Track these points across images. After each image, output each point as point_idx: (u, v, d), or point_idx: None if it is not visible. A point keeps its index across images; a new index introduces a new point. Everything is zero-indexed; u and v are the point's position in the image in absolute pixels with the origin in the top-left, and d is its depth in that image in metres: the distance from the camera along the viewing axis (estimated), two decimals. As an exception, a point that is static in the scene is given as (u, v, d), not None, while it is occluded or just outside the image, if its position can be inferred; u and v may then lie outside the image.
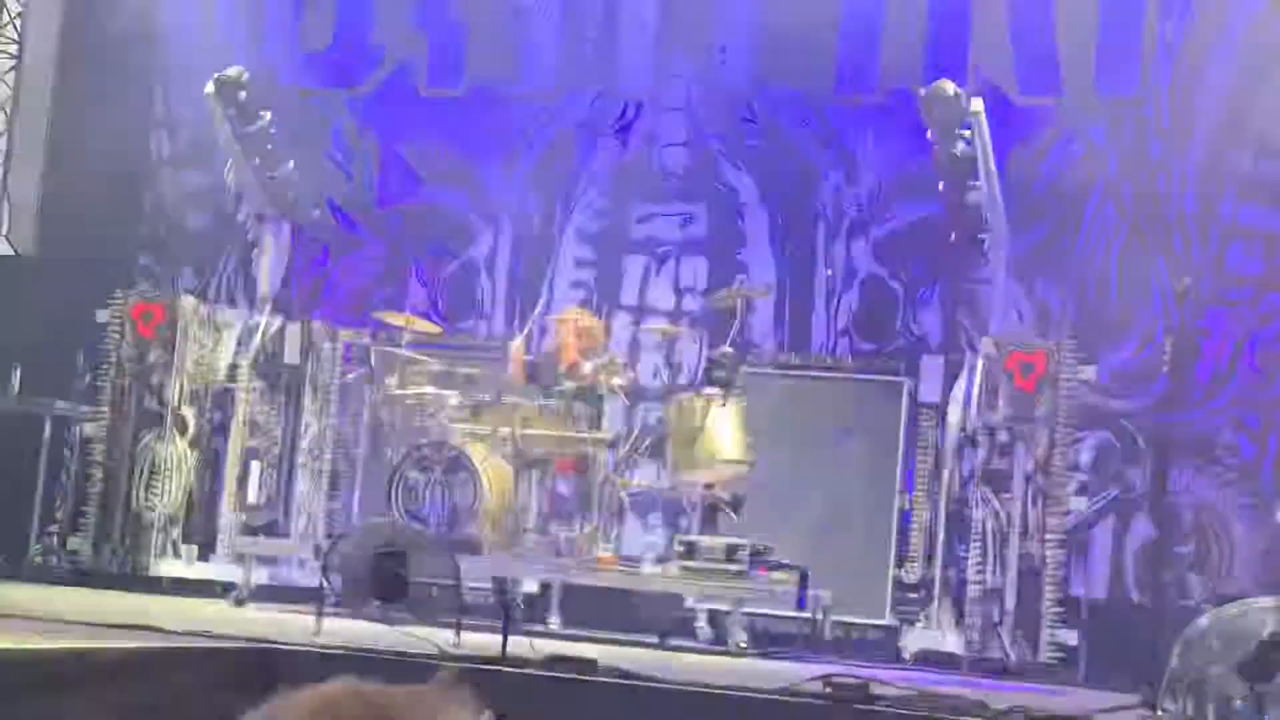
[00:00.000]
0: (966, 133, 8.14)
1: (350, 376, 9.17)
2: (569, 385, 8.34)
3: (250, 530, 8.91)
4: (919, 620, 8.20)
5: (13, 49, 11.03)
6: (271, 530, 9.08)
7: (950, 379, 8.49)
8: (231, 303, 10.32)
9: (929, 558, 8.31)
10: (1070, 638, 7.90)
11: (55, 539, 9.04)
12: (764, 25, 10.10)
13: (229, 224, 10.62)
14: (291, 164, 9.23)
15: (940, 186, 8.47)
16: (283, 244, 9.41)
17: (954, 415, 8.23)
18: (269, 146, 9.09)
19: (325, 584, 6.99)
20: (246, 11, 11.06)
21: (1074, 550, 8.48)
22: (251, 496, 9.04)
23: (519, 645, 5.76)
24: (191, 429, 9.02)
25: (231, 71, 9.02)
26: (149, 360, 8.90)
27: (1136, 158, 9.35)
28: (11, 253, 10.81)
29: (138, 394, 8.88)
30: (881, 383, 8.99)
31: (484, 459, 8.16)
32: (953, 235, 8.63)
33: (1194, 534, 8.81)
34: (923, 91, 8.32)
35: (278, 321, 9.26)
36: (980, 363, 8.14)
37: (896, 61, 9.77)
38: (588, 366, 8.35)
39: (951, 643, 7.94)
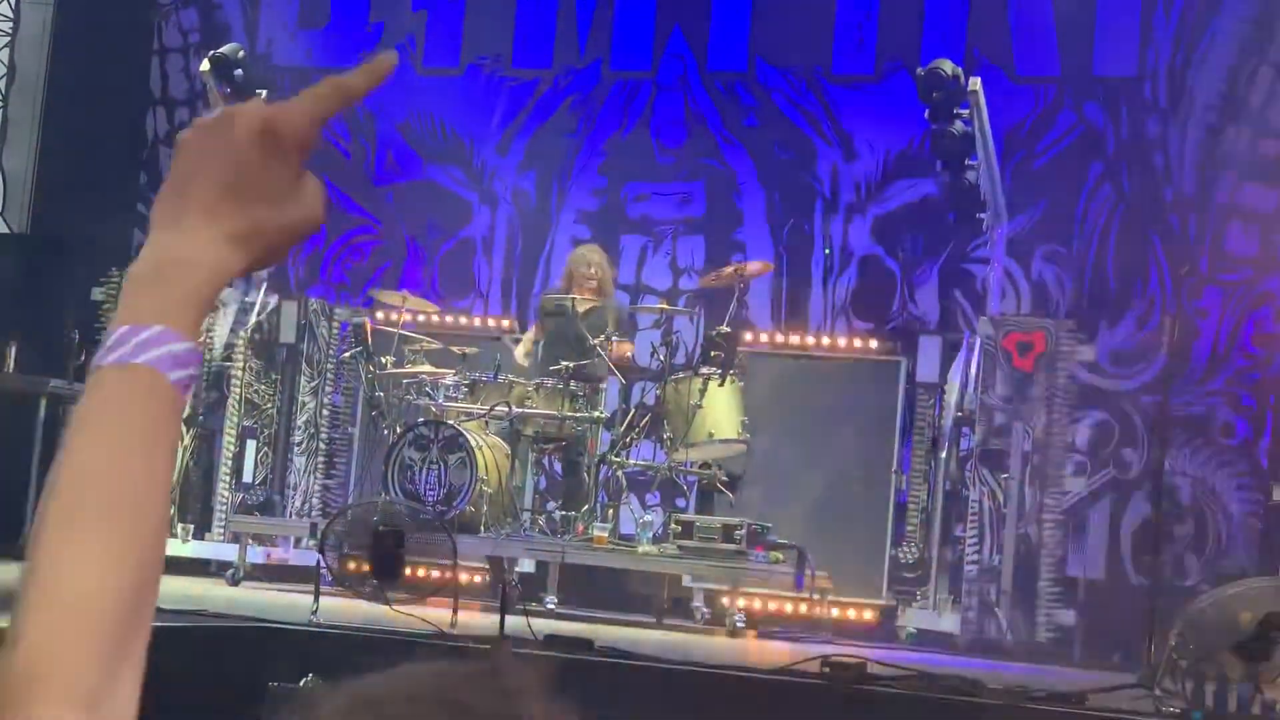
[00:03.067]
0: (964, 112, 8.12)
1: (347, 355, 9.15)
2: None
3: (246, 509, 8.90)
4: (916, 600, 8.20)
5: (7, 25, 10.98)
6: (268, 509, 9.07)
7: (948, 359, 8.48)
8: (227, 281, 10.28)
9: (926, 538, 8.31)
10: (1067, 618, 7.90)
11: (51, 518, 9.02)
12: (761, 4, 10.06)
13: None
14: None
15: (938, 166, 8.44)
16: (279, 222, 9.36)
17: (951, 395, 8.22)
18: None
19: (322, 563, 6.98)
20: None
21: (1071, 530, 8.48)
22: (247, 475, 9.02)
23: (516, 625, 5.75)
24: (187, 408, 9.00)
25: (227, 49, 8.98)
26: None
27: (1134, 138, 9.32)
28: (6, 230, 10.77)
29: (133, 372, 8.85)
30: (879, 362, 8.97)
31: (481, 437, 8.14)
32: (951, 214, 8.61)
33: (1191, 514, 8.80)
34: (921, 71, 8.29)
35: (274, 300, 9.23)
36: (978, 342, 8.13)
37: (894, 41, 9.74)
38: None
39: (948, 622, 7.95)
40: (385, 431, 8.55)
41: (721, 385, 8.08)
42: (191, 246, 1.07)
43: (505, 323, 9.95)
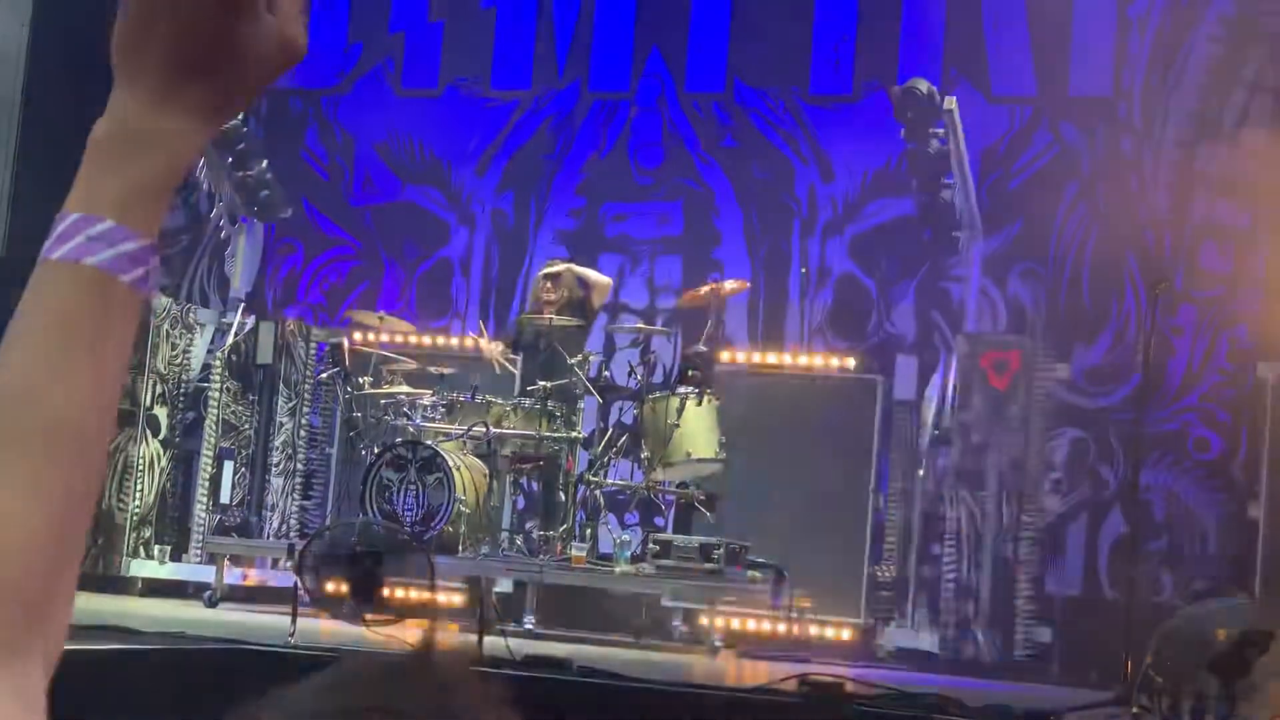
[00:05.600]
0: (940, 131, 8.17)
1: (324, 375, 9.15)
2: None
3: (223, 530, 8.87)
4: (894, 618, 8.22)
5: (-17, 47, 10.96)
6: (245, 530, 9.05)
7: (925, 377, 8.52)
8: (204, 302, 10.29)
9: (904, 556, 8.33)
10: (1044, 635, 7.92)
11: (27, 540, 8.98)
12: (739, 25, 10.11)
13: (202, 223, 10.59)
14: (265, 163, 9.19)
15: (914, 185, 8.48)
16: (256, 243, 9.38)
17: (928, 413, 8.25)
18: (242, 145, 9.05)
19: (299, 584, 6.97)
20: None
21: (1048, 548, 8.51)
22: (225, 497, 9.00)
23: (495, 645, 5.75)
24: (164, 429, 8.98)
25: None
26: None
27: (1109, 157, 9.38)
28: (-18, 252, 10.74)
29: (110, 394, 8.84)
30: (856, 381, 8.99)
31: (458, 458, 8.14)
32: (927, 233, 8.64)
33: (1167, 531, 8.84)
34: (897, 90, 8.33)
35: (251, 320, 9.22)
36: (954, 361, 8.16)
37: (872, 61, 9.79)
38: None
39: (926, 641, 7.96)
40: (363, 452, 8.54)
41: (699, 404, 8.10)
42: (153, 119, 0.96)
43: (482, 342, 9.96)
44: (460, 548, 7.99)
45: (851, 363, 9.03)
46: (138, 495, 8.81)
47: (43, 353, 0.91)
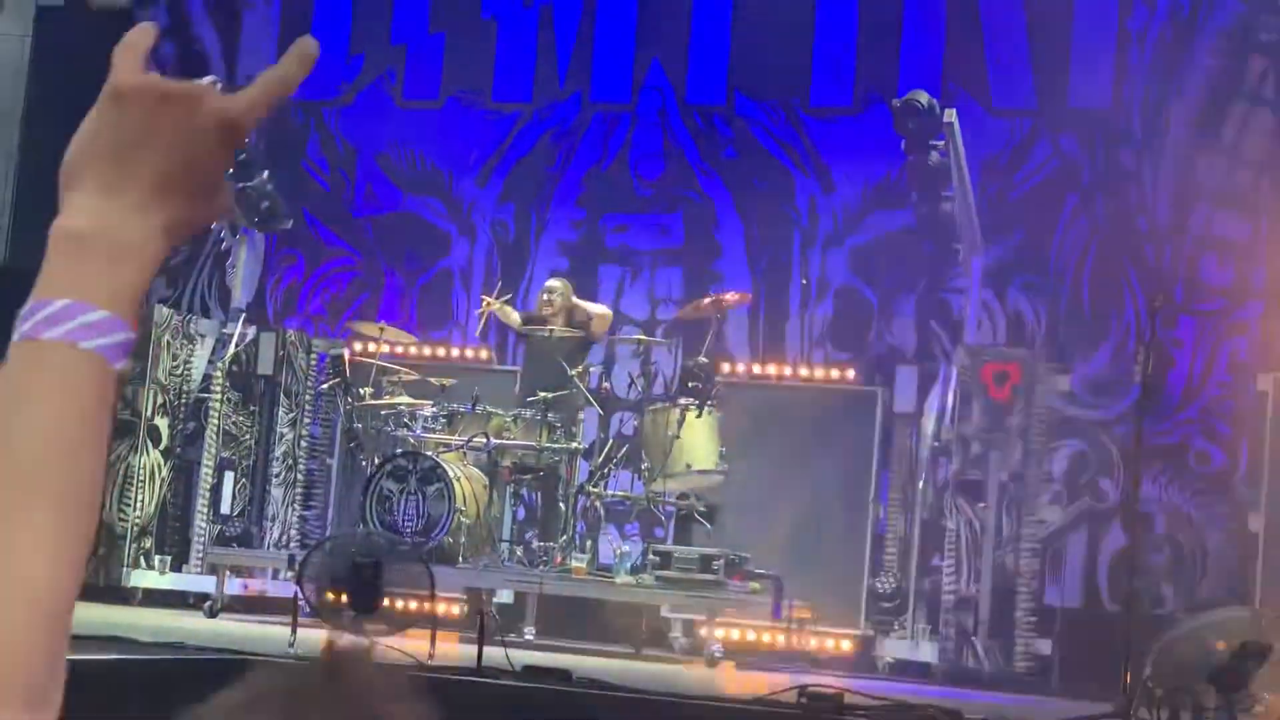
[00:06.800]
0: (940, 143, 8.18)
1: (325, 386, 9.15)
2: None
3: (224, 541, 8.87)
4: (894, 630, 8.22)
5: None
6: (245, 541, 9.05)
7: (925, 389, 8.52)
8: (205, 313, 10.29)
9: (904, 568, 8.33)
10: (1044, 647, 7.92)
11: (27, 550, 8.98)
12: (740, 36, 10.12)
13: (203, 234, 10.59)
14: (266, 174, 9.19)
15: (914, 197, 8.49)
16: (257, 254, 9.38)
17: (928, 425, 8.26)
18: (244, 156, 9.05)
19: (300, 594, 6.97)
20: (222, 21, 11.04)
21: (1048, 559, 8.51)
22: (225, 507, 9.01)
23: (495, 656, 5.75)
24: (165, 439, 8.99)
25: (205, 81, 8.98)
26: (122, 370, 8.87)
27: (1109, 169, 9.40)
28: (-17, 262, 10.75)
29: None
30: (856, 393, 9.00)
31: (459, 468, 8.14)
32: (927, 245, 8.65)
33: (1167, 543, 8.84)
34: (897, 103, 8.35)
35: (251, 331, 9.23)
36: (954, 372, 8.17)
37: (872, 73, 9.80)
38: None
39: (926, 652, 7.96)
40: (363, 462, 8.54)
41: (699, 416, 8.10)
42: (136, 230, 1.04)
43: (484, 354, 9.96)
44: (460, 558, 7.99)
45: (852, 374, 9.04)
46: (138, 505, 8.81)
47: (61, 429, 0.99)
